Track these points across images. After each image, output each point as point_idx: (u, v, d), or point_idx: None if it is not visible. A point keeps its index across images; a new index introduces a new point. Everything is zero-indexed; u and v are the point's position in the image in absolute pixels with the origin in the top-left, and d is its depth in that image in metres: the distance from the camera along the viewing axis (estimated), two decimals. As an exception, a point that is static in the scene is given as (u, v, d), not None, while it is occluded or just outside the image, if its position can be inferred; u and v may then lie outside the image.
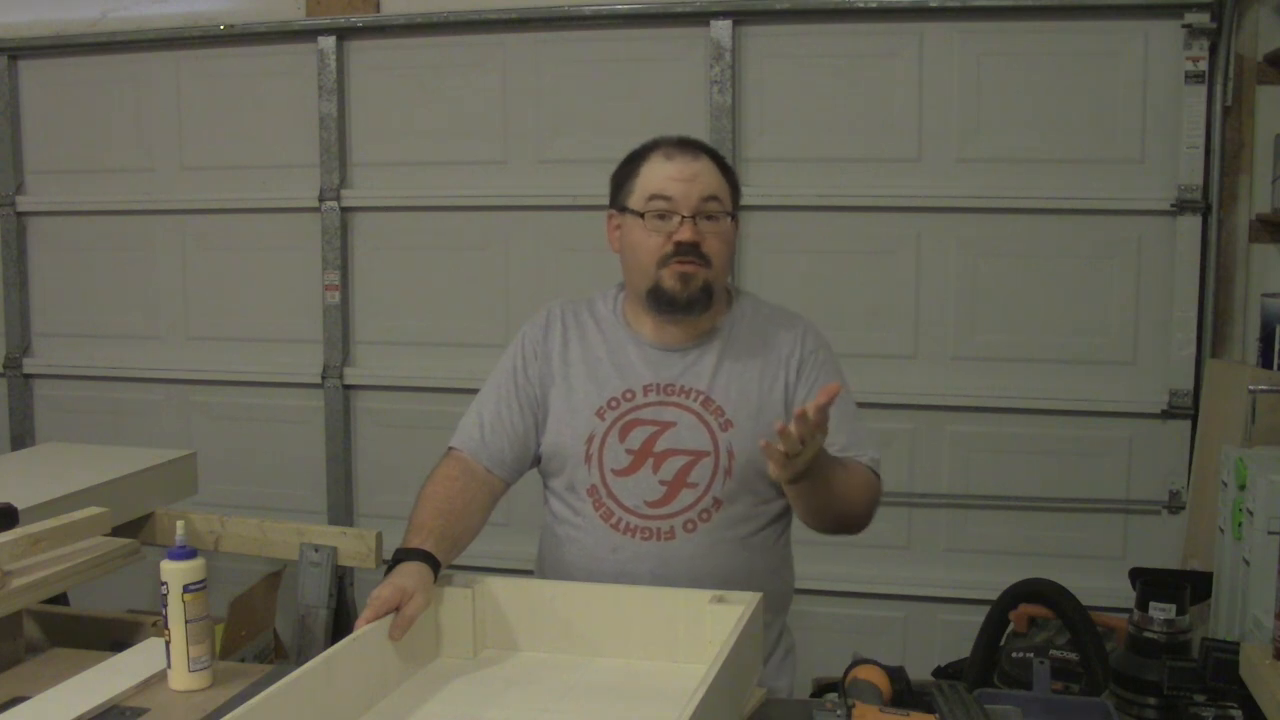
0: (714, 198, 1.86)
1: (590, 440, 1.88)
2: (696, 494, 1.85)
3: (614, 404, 1.89)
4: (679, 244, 1.83)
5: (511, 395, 1.93)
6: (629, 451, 1.87)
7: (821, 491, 1.73)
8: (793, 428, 1.55)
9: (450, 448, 1.93)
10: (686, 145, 1.90)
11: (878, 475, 1.90)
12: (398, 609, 1.58)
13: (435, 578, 1.68)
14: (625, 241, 1.91)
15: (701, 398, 1.88)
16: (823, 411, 1.55)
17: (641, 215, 1.86)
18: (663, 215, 1.84)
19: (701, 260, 1.84)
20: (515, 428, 1.92)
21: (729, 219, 1.88)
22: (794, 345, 1.93)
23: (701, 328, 1.92)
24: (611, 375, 1.91)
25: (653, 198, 1.85)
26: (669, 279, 1.84)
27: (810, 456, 1.59)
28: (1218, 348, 3.17)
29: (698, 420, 1.87)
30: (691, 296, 1.85)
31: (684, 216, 1.83)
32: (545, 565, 1.98)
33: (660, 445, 1.86)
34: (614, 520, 1.87)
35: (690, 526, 1.85)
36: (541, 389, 1.93)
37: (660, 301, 1.86)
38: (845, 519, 1.83)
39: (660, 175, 1.86)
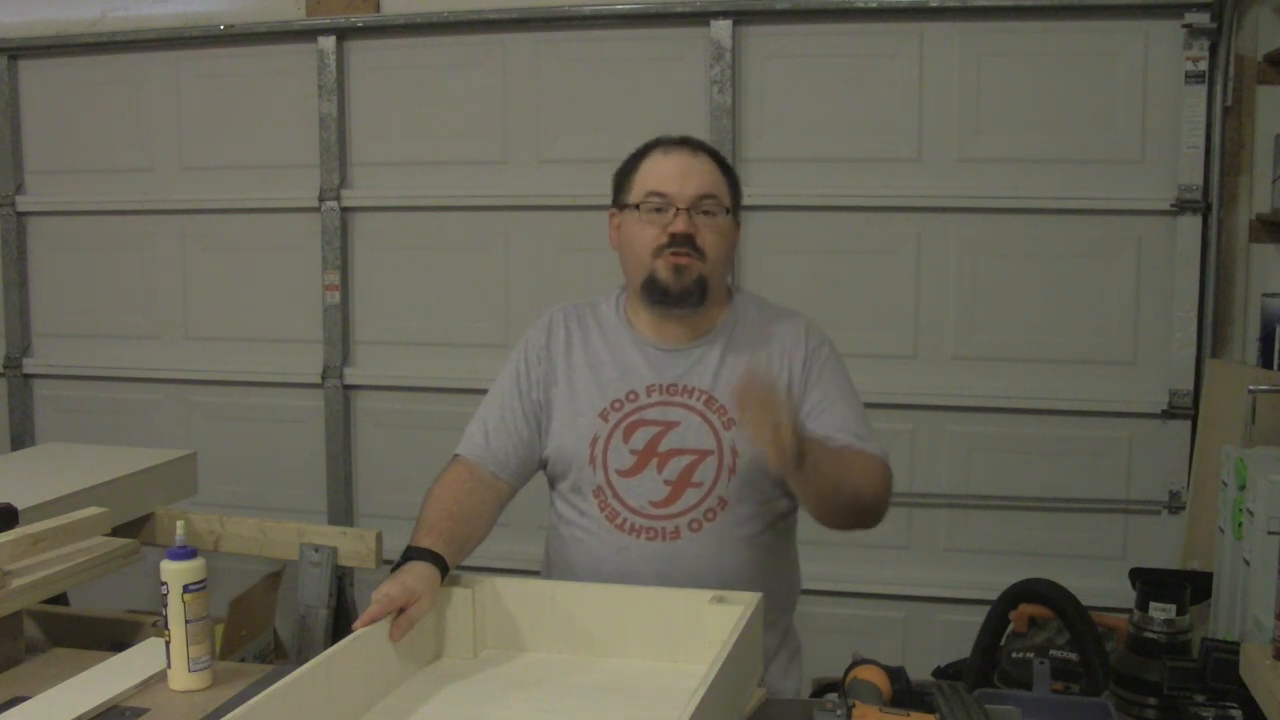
0: (710, 195, 1.86)
1: (594, 442, 1.88)
2: (701, 493, 1.85)
3: (617, 405, 1.89)
4: (673, 235, 1.83)
5: (515, 401, 1.94)
6: (633, 452, 1.87)
7: (828, 476, 1.71)
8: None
9: (456, 455, 1.93)
10: (685, 143, 1.92)
11: (888, 465, 1.87)
12: (402, 609, 1.57)
13: (442, 580, 1.67)
14: (623, 237, 1.92)
15: (704, 397, 1.88)
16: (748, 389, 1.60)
17: (638, 208, 1.87)
18: (659, 209, 1.85)
19: (696, 253, 1.84)
20: (520, 433, 1.92)
21: (727, 215, 1.89)
22: (797, 341, 1.93)
23: (702, 326, 1.92)
24: (614, 376, 1.91)
25: (650, 193, 1.86)
26: (663, 270, 1.85)
27: (791, 429, 1.56)
28: (1218, 348, 3.17)
29: (701, 420, 1.87)
30: (685, 288, 1.85)
31: (679, 209, 1.84)
32: (552, 567, 1.99)
33: (664, 445, 1.86)
34: (619, 521, 1.87)
35: (695, 526, 1.85)
36: (545, 393, 1.93)
37: (654, 292, 1.86)
38: (858, 507, 1.79)
39: (657, 171, 1.88)
